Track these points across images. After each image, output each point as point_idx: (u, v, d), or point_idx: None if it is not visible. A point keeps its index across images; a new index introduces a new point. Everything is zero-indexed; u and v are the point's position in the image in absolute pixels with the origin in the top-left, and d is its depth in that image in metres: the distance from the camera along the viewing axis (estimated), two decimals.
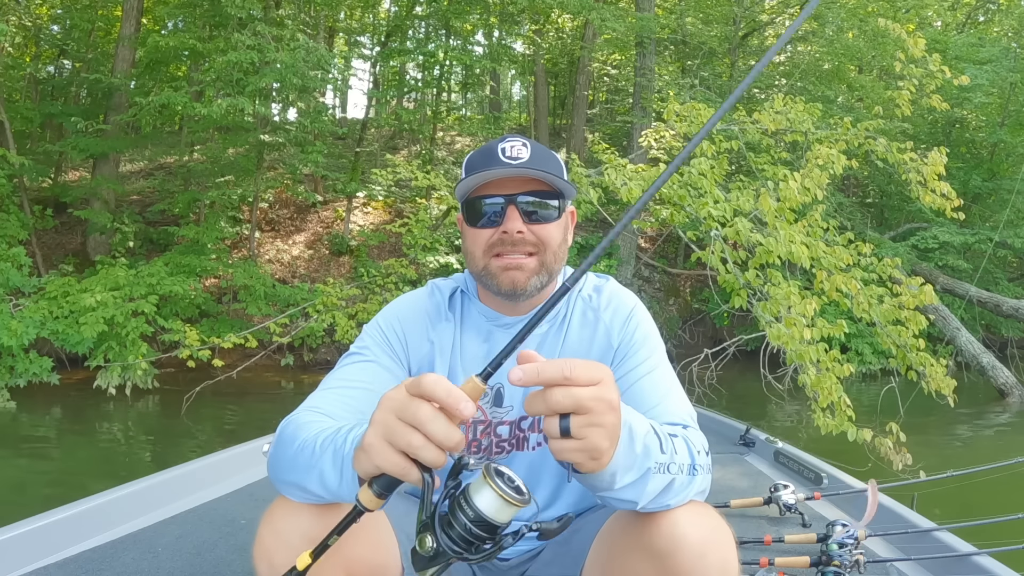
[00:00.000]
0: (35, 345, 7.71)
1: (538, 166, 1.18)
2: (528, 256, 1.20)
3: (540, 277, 1.21)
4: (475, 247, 1.23)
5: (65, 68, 14.55)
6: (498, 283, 1.21)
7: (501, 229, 1.19)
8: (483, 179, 1.19)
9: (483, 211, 1.21)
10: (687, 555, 0.94)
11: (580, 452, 0.79)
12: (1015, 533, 1.97)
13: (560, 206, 1.23)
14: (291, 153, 11.52)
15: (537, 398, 0.77)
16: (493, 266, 1.21)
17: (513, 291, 1.20)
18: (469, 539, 0.77)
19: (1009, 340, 12.04)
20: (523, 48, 17.13)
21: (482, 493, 0.77)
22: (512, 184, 1.20)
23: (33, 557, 1.80)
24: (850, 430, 4.14)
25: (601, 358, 1.25)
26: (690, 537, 0.94)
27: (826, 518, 2.21)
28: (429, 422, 0.73)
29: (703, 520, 0.97)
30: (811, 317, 4.31)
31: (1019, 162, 12.97)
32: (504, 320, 1.29)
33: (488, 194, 1.20)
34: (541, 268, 1.21)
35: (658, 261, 13.40)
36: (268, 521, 1.01)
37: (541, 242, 1.20)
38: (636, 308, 1.30)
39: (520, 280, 1.20)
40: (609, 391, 0.78)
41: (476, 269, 1.24)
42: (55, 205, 10.92)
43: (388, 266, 9.05)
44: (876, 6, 12.90)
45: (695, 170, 5.13)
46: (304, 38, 9.58)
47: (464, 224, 1.25)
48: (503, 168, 1.17)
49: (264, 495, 2.46)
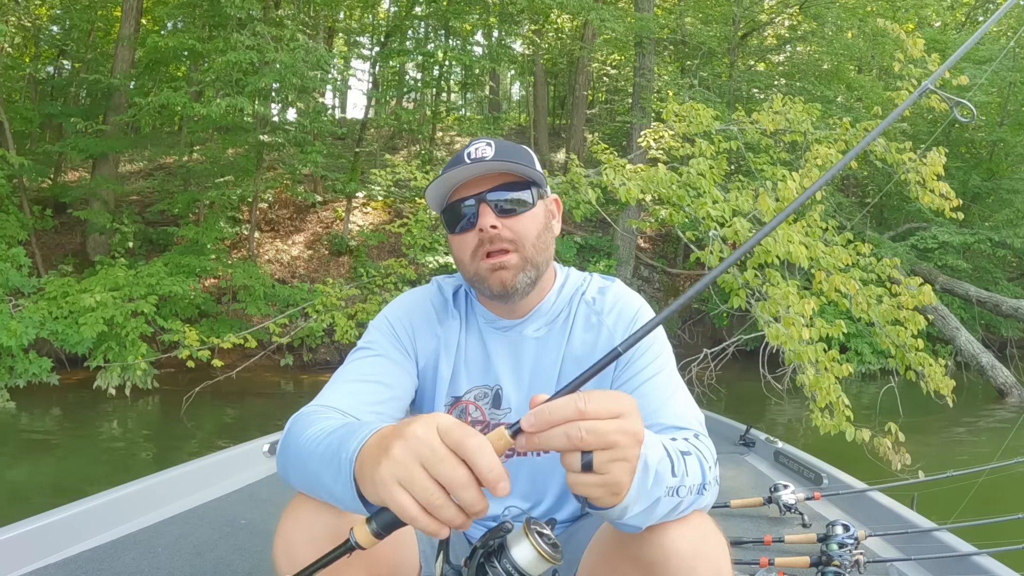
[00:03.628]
0: (35, 345, 7.70)
1: (502, 159, 1.18)
2: (507, 254, 1.19)
3: (527, 273, 1.20)
4: (462, 253, 1.22)
5: (64, 68, 14.54)
6: (489, 286, 1.20)
7: (477, 228, 1.18)
8: (447, 182, 1.19)
9: (460, 214, 1.21)
10: (676, 567, 0.91)
11: (600, 487, 0.75)
12: (1015, 533, 1.97)
13: (533, 198, 1.22)
14: (290, 153, 11.52)
15: (558, 433, 0.71)
16: (482, 269, 1.20)
17: (504, 291, 1.20)
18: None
19: (1009, 340, 12.04)
20: (522, 48, 17.14)
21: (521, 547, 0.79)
22: (481, 183, 1.20)
23: (33, 557, 1.80)
24: (848, 430, 4.14)
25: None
26: (680, 549, 0.91)
27: (826, 518, 2.21)
28: (462, 489, 0.67)
29: (694, 530, 0.94)
30: (809, 317, 4.31)
31: (1019, 162, 12.99)
32: (502, 323, 1.28)
33: (460, 197, 1.21)
34: (525, 263, 1.20)
35: (657, 261, 13.41)
36: (290, 516, 1.00)
37: (517, 236, 1.19)
38: (641, 311, 1.28)
39: (507, 279, 1.19)
40: (634, 423, 0.75)
41: (468, 275, 1.24)
42: (54, 205, 10.92)
43: (387, 266, 9.04)
44: (875, 6, 12.91)
45: (694, 170, 5.13)
46: (303, 38, 9.58)
47: (448, 234, 1.25)
48: (464, 167, 1.17)
49: (264, 495, 2.46)
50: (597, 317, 1.27)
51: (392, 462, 0.70)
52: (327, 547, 0.94)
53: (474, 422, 1.26)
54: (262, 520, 2.22)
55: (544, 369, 1.25)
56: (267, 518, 2.23)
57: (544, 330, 1.27)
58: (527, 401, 1.22)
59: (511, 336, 1.27)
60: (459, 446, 0.68)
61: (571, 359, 1.25)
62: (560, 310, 1.28)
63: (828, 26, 12.84)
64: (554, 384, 1.24)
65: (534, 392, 1.21)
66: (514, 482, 1.27)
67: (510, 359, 1.27)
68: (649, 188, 5.13)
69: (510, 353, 1.27)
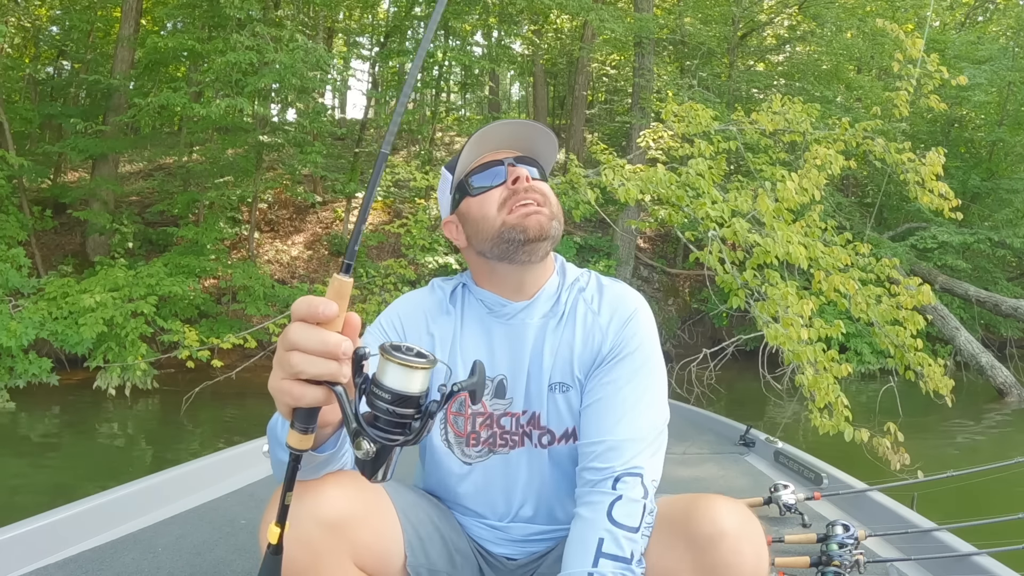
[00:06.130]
0: (34, 346, 7.70)
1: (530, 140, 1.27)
2: (539, 206, 1.22)
3: (555, 224, 1.23)
4: (487, 208, 1.22)
5: (64, 69, 14.55)
6: (525, 228, 1.20)
7: (511, 180, 1.21)
8: (487, 135, 1.22)
9: (486, 176, 1.24)
10: (728, 546, 0.99)
11: None
12: (1015, 533, 1.97)
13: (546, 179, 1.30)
14: (290, 154, 11.51)
15: None
16: (514, 217, 1.20)
17: (540, 234, 1.20)
18: (397, 421, 0.77)
19: (1008, 340, 12.05)
20: (522, 48, 17.14)
21: (387, 372, 0.76)
22: (508, 155, 1.25)
23: (33, 557, 1.80)
24: (847, 430, 4.14)
25: (592, 360, 1.25)
26: (731, 529, 0.99)
27: (826, 518, 2.21)
28: (303, 340, 0.73)
29: (740, 514, 1.02)
30: (808, 317, 4.31)
31: (1018, 161, 12.99)
32: (507, 308, 1.27)
33: (485, 162, 1.24)
34: (553, 216, 1.23)
35: (657, 261, 13.41)
36: (272, 501, 1.02)
37: (544, 196, 1.23)
38: (636, 312, 1.27)
39: (544, 222, 1.20)
40: None
41: (492, 231, 1.22)
42: (54, 206, 10.91)
43: (387, 266, 9.03)
44: (875, 6, 12.92)
45: (693, 171, 5.13)
46: (303, 39, 9.57)
47: (469, 199, 1.25)
48: (505, 122, 1.24)
49: (264, 495, 2.46)
50: (593, 316, 1.28)
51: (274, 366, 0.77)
52: (310, 532, 1.01)
53: (475, 414, 1.26)
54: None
55: (542, 358, 1.25)
56: None
57: (545, 319, 1.27)
58: (528, 390, 1.25)
59: (514, 324, 1.27)
60: (292, 316, 0.76)
61: (564, 354, 1.25)
62: (563, 301, 1.29)
63: (827, 26, 12.83)
64: (547, 378, 1.25)
65: (531, 380, 1.25)
66: (514, 478, 1.27)
67: (511, 348, 1.27)
68: (648, 188, 5.13)
69: (511, 342, 1.27)
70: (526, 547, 1.31)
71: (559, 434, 1.25)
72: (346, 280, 0.75)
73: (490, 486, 1.28)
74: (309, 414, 0.77)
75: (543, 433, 1.26)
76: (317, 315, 0.74)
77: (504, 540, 1.31)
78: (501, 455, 1.27)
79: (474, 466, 1.28)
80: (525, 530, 1.30)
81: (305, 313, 0.74)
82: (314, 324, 0.74)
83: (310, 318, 0.74)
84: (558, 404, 1.25)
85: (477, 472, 1.28)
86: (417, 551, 1.19)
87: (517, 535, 1.30)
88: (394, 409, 0.76)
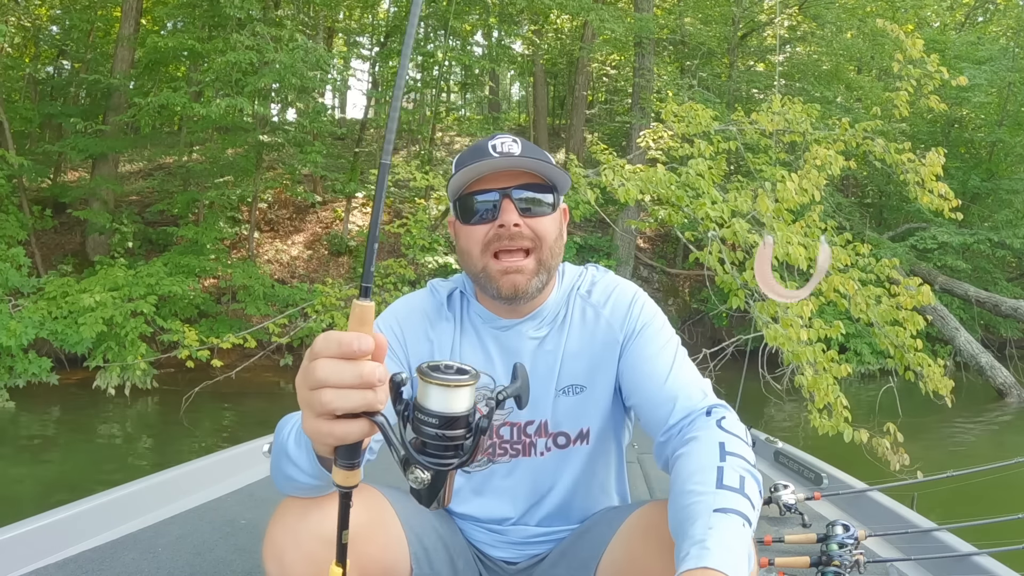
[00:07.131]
0: (34, 345, 7.70)
1: (530, 157, 1.17)
2: (526, 256, 1.18)
3: (539, 277, 1.19)
4: (471, 245, 1.19)
5: (64, 68, 14.53)
6: (498, 287, 1.18)
7: (497, 223, 1.16)
8: (476, 172, 1.17)
9: (477, 207, 1.18)
10: None
11: None
12: (1015, 533, 1.97)
13: (554, 201, 1.22)
14: (290, 153, 11.50)
15: None
16: (492, 268, 1.18)
17: (514, 295, 1.18)
18: (447, 445, 0.73)
19: (1008, 340, 12.06)
20: (522, 48, 17.13)
21: (429, 395, 0.72)
22: (505, 178, 1.18)
23: (33, 557, 1.79)
24: (846, 431, 4.15)
25: (606, 354, 1.24)
26: None
27: (826, 518, 2.20)
28: (333, 375, 0.68)
29: None
30: (807, 318, 4.32)
31: (1018, 162, 12.99)
32: (501, 323, 1.27)
33: (481, 189, 1.18)
34: (540, 267, 1.19)
35: (657, 261, 13.41)
36: (278, 520, 1.03)
37: (537, 236, 1.18)
38: (636, 296, 1.28)
39: (521, 283, 1.17)
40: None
41: (474, 270, 1.21)
42: (54, 205, 10.90)
43: (387, 266, 9.04)
44: (875, 6, 12.92)
45: (693, 171, 5.14)
46: (303, 38, 9.58)
47: (458, 224, 1.22)
48: (493, 160, 1.15)
49: (264, 495, 2.46)
50: (593, 310, 1.27)
51: (302, 408, 0.73)
52: (314, 549, 0.98)
53: None
54: (262, 520, 2.21)
55: (543, 370, 1.24)
56: (267, 518, 2.19)
57: (543, 330, 1.26)
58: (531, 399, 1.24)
59: (509, 336, 1.26)
60: (311, 354, 0.71)
61: (569, 357, 1.25)
62: (558, 309, 1.28)
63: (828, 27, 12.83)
64: (553, 384, 1.24)
65: (533, 392, 1.22)
66: (516, 482, 1.27)
67: (509, 360, 1.26)
68: (648, 188, 5.13)
69: (508, 354, 1.26)
70: (525, 549, 1.31)
71: (574, 435, 1.25)
72: (367, 305, 0.70)
73: (491, 494, 1.29)
74: (351, 450, 0.73)
75: (556, 436, 1.25)
76: (353, 353, 0.68)
77: (503, 543, 1.31)
78: (502, 464, 1.27)
79: (473, 475, 1.28)
80: (524, 532, 1.30)
81: (336, 353, 0.69)
82: (338, 360, 0.69)
83: (345, 357, 0.69)
84: (571, 406, 1.24)
85: (477, 480, 1.29)
86: (423, 562, 1.18)
87: (516, 538, 1.30)
88: (443, 433, 0.72)
